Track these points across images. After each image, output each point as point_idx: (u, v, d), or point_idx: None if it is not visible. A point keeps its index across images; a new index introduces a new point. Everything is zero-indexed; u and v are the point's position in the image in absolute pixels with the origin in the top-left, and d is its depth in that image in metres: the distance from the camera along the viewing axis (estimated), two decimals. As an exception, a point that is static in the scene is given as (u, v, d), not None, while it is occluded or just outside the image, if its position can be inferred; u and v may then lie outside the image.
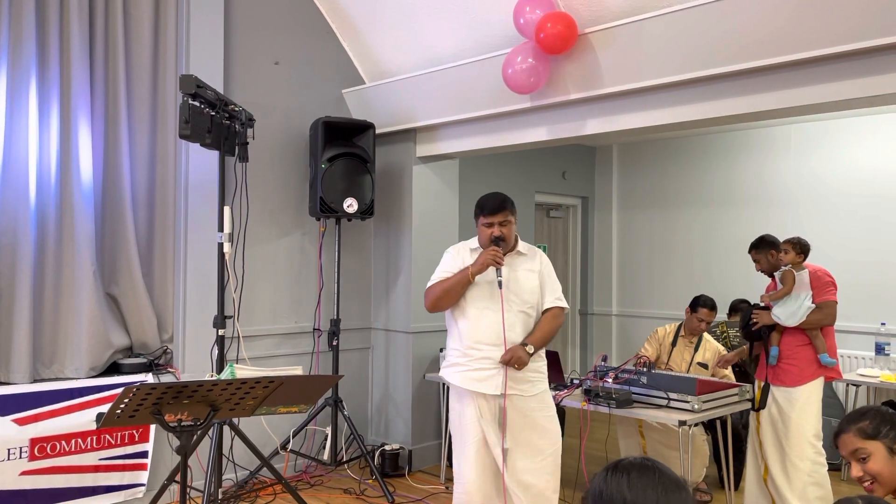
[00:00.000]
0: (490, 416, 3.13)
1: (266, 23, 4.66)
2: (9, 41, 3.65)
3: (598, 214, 7.50)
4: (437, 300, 3.23)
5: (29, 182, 3.72)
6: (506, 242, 3.18)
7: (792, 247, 3.80)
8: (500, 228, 3.17)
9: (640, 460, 1.25)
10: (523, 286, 3.20)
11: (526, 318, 3.20)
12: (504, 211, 3.19)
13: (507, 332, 3.11)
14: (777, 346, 3.77)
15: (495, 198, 3.24)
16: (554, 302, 3.27)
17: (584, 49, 3.67)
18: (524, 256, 3.30)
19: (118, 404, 2.00)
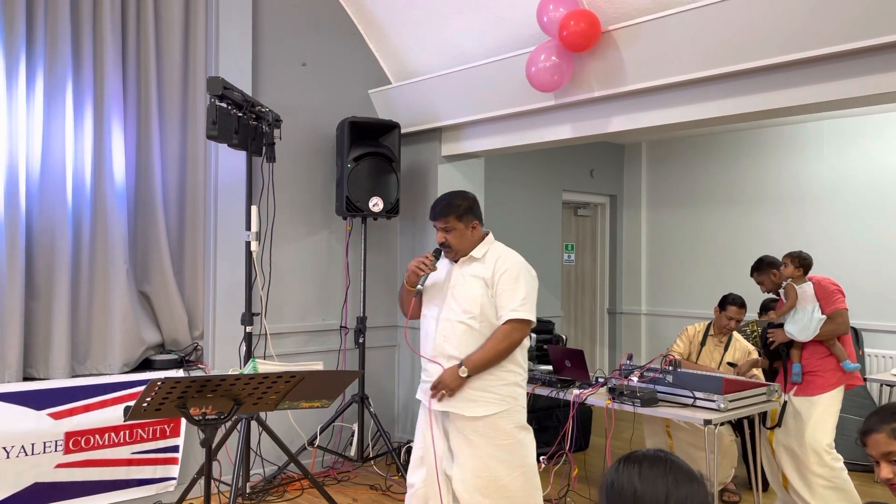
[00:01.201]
0: (438, 431, 2.97)
1: (293, 25, 4.73)
2: (45, 47, 3.76)
3: (627, 212, 7.45)
4: (400, 306, 3.18)
5: (66, 183, 3.83)
6: (453, 249, 2.96)
7: (791, 260, 3.78)
8: (443, 234, 2.95)
9: (653, 452, 1.25)
10: (462, 294, 2.92)
11: (467, 331, 2.88)
12: (445, 217, 2.93)
13: (444, 343, 2.91)
14: (799, 363, 3.76)
15: (440, 201, 3.00)
16: (508, 314, 2.87)
17: (608, 46, 3.66)
18: (475, 262, 2.99)
19: (144, 397, 2.06)
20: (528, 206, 6.36)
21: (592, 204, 7.36)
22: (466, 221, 2.95)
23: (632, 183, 7.42)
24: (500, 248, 3.05)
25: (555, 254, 6.69)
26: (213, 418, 2.20)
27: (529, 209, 6.38)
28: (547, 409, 5.03)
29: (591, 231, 7.44)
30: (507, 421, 2.89)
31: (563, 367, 4.16)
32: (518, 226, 6.24)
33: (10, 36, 3.64)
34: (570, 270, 7.18)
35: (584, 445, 5.25)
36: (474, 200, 3.02)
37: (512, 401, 2.89)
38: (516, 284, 2.92)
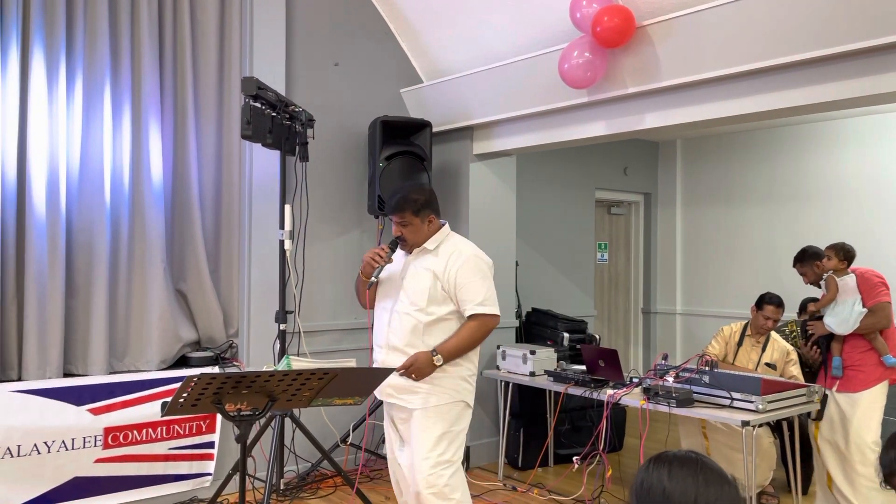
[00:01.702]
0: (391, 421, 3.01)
1: (326, 25, 4.76)
2: (84, 49, 3.84)
3: (662, 211, 7.35)
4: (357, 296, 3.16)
5: (104, 183, 3.90)
6: (409, 242, 2.93)
7: (834, 253, 3.71)
8: (399, 228, 2.90)
9: (684, 453, 1.24)
10: (412, 286, 2.89)
11: (410, 321, 2.85)
12: (400, 212, 2.88)
13: (390, 335, 2.90)
14: (839, 357, 3.67)
15: (395, 196, 2.94)
16: (474, 309, 2.85)
17: (642, 42, 3.61)
18: (428, 254, 2.94)
19: (181, 393, 2.08)
20: (560, 204, 6.31)
21: (626, 202, 7.28)
22: (423, 216, 2.90)
23: (666, 180, 7.32)
24: (455, 240, 3.00)
25: (588, 253, 6.63)
26: (248, 414, 2.22)
27: (562, 208, 6.33)
28: (580, 409, 4.99)
29: (625, 229, 7.36)
30: (452, 411, 2.88)
31: (597, 367, 4.12)
32: (550, 225, 6.20)
33: (51, 39, 3.72)
34: (603, 269, 7.11)
35: (618, 446, 5.20)
36: (431, 193, 2.98)
37: (456, 394, 2.87)
38: (476, 278, 2.90)
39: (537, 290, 5.94)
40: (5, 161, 3.60)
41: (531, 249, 6.00)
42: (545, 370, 4.44)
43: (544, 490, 4.43)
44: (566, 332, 5.18)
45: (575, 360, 4.84)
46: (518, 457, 4.83)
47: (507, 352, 4.67)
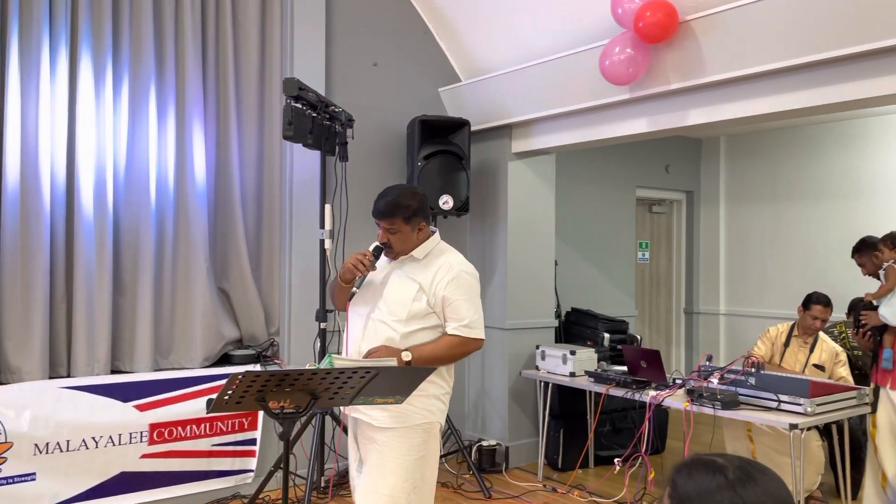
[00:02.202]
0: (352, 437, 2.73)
1: (365, 25, 4.78)
2: (129, 54, 3.92)
3: (705, 209, 7.22)
4: (331, 300, 2.90)
5: (149, 183, 3.98)
6: (395, 250, 2.68)
7: (885, 244, 3.61)
8: (386, 234, 2.65)
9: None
10: (393, 294, 2.63)
11: (387, 331, 2.60)
12: (390, 218, 2.62)
13: (361, 344, 2.63)
14: (891, 349, 3.56)
15: (384, 199, 2.66)
16: (458, 330, 2.63)
17: (686, 37, 3.55)
18: (416, 263, 2.69)
19: (226, 390, 2.10)
20: (600, 203, 6.24)
21: (668, 200, 7.17)
22: (413, 224, 2.65)
23: (710, 178, 7.18)
24: (445, 250, 2.77)
25: (628, 252, 6.54)
26: (290, 412, 2.23)
27: (602, 206, 6.26)
28: (622, 410, 4.93)
29: (667, 228, 7.25)
30: (419, 435, 2.61)
31: (639, 368, 4.06)
32: (590, 223, 6.14)
33: (98, 44, 3.81)
34: (644, 269, 7.02)
35: (660, 448, 5.12)
36: (423, 199, 2.73)
37: (428, 414, 2.62)
38: (464, 298, 2.67)
39: (577, 289, 5.88)
40: (55, 163, 3.69)
41: (571, 249, 5.95)
42: (585, 371, 4.39)
43: (585, 492, 4.38)
44: (607, 332, 5.12)
45: (616, 360, 4.79)
46: (558, 458, 4.79)
47: (547, 352, 4.63)
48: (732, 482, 1.14)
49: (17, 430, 3.44)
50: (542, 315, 5.11)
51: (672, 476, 1.20)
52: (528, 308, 5.03)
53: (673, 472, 1.20)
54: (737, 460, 1.20)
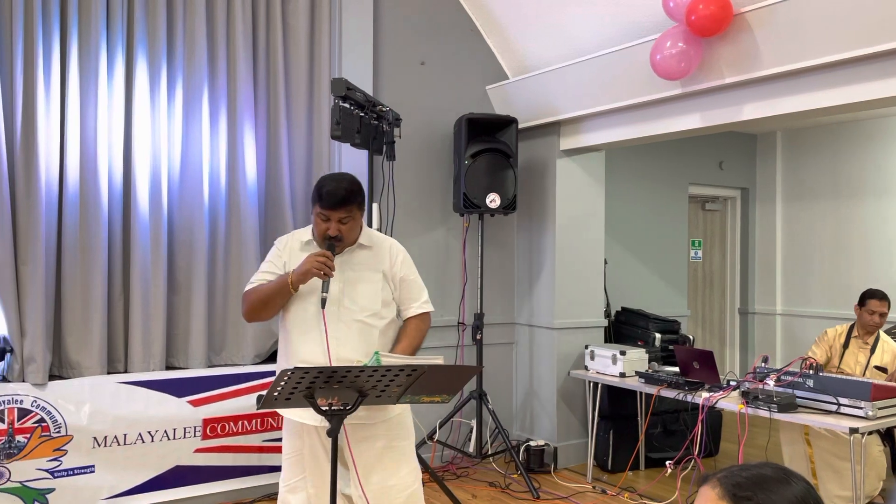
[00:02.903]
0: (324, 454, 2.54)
1: (412, 25, 4.80)
2: (183, 58, 4.01)
3: (761, 206, 7.02)
4: (254, 311, 2.55)
5: (203, 184, 4.06)
6: (344, 242, 2.52)
7: None
8: (337, 226, 2.47)
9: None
10: (361, 289, 2.54)
11: (364, 329, 2.52)
12: (348, 206, 2.46)
13: (339, 349, 2.49)
14: None
15: (339, 185, 2.47)
16: (421, 307, 2.64)
17: (740, 29, 3.45)
18: (367, 251, 2.59)
19: (276, 386, 2.13)
20: (651, 200, 6.13)
21: (722, 198, 7.01)
22: (363, 211, 2.56)
23: (766, 175, 6.99)
24: (374, 232, 2.69)
25: (681, 250, 6.41)
26: (338, 409, 2.25)
27: (653, 204, 6.15)
28: (673, 412, 4.83)
29: (721, 226, 7.08)
30: (408, 418, 2.67)
31: (691, 369, 3.97)
32: (641, 221, 6.04)
33: (153, 49, 3.90)
34: (696, 268, 6.87)
35: (713, 451, 5.00)
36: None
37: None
38: (416, 273, 2.67)
39: (627, 288, 5.79)
40: (112, 166, 3.81)
41: (621, 247, 5.86)
42: (636, 371, 4.32)
43: (635, 494, 4.31)
44: (658, 332, 5.03)
45: (667, 361, 4.70)
46: (607, 459, 4.73)
47: (596, 352, 4.57)
48: (809, 486, 1.16)
49: (77, 424, 3.56)
50: (592, 314, 5.05)
51: (749, 496, 1.16)
52: (577, 307, 4.97)
53: (747, 493, 1.17)
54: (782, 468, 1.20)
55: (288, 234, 2.72)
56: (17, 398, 3.45)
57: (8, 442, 3.40)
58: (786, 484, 1.16)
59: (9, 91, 3.54)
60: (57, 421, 3.52)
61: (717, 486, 1.20)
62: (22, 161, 3.58)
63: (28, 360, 3.53)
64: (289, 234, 2.72)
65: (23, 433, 3.44)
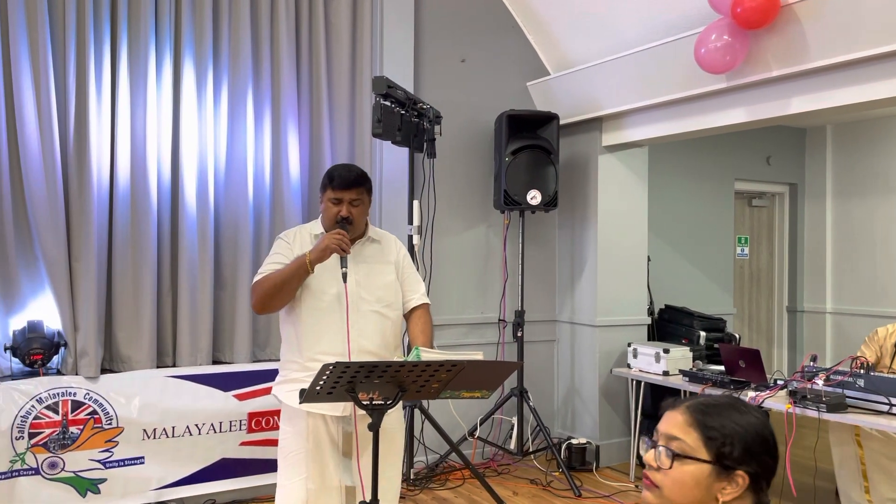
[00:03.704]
0: (330, 444, 2.56)
1: (453, 22, 4.81)
2: (229, 59, 4.09)
3: (810, 202, 6.85)
4: (267, 298, 2.54)
5: (247, 181, 4.13)
6: (354, 226, 2.56)
7: None
8: (349, 208, 2.54)
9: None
10: (376, 281, 2.61)
11: (381, 320, 2.59)
12: (359, 187, 2.55)
13: (359, 339, 2.53)
14: None
15: (349, 169, 2.59)
16: (422, 298, 2.73)
17: (788, 21, 3.37)
18: (376, 245, 2.68)
19: (318, 380, 2.16)
20: (696, 196, 6.03)
21: (769, 193, 6.85)
22: (371, 199, 2.64)
23: (815, 170, 6.81)
24: (378, 228, 2.78)
25: (726, 247, 6.29)
26: (379, 404, 2.27)
27: (698, 200, 6.05)
28: (718, 411, 4.74)
29: (768, 222, 6.93)
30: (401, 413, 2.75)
31: (737, 368, 3.90)
32: (685, 218, 5.94)
33: (200, 51, 3.99)
34: (743, 265, 6.73)
35: (759, 452, 4.89)
36: None
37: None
38: (413, 266, 2.78)
39: (671, 286, 5.71)
40: (161, 164, 3.90)
41: (664, 244, 5.78)
42: (680, 370, 4.26)
43: (679, 494, 4.24)
44: (703, 330, 4.95)
45: (712, 359, 4.62)
46: (650, 458, 4.66)
47: (639, 350, 4.52)
48: (766, 418, 1.35)
49: (128, 416, 3.66)
50: (634, 312, 4.99)
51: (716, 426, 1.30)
52: (620, 305, 4.92)
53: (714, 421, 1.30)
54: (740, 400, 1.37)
55: (293, 228, 2.75)
56: (70, 391, 3.57)
57: (62, 433, 3.52)
58: (746, 414, 1.29)
59: (62, 94, 3.66)
60: (108, 413, 3.63)
61: (686, 412, 1.32)
62: (75, 161, 3.70)
63: (81, 354, 3.65)
64: (294, 227, 2.75)
65: (76, 425, 3.56)
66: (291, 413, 2.59)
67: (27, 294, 3.66)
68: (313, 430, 2.55)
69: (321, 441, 2.55)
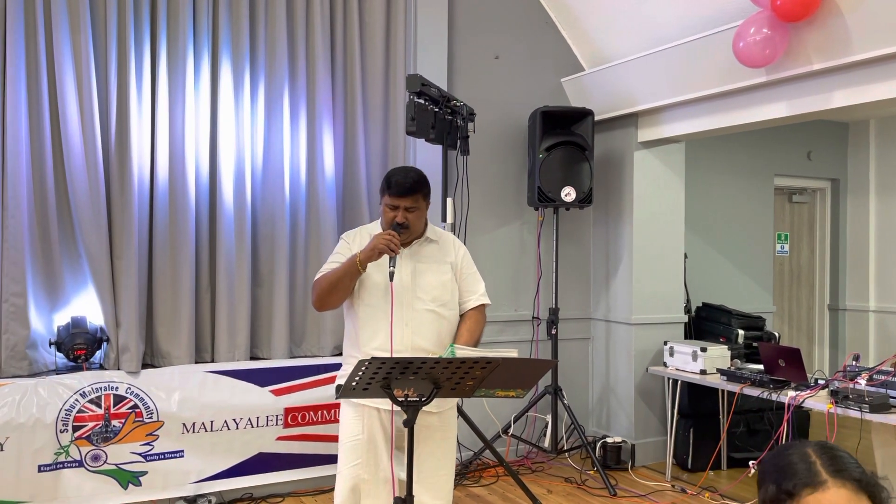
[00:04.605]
0: (383, 436, 2.59)
1: (487, 19, 4.80)
2: (265, 60, 4.14)
3: (852, 198, 6.69)
4: (324, 294, 2.60)
5: (284, 179, 4.18)
6: (410, 230, 2.59)
7: None
8: (405, 214, 2.56)
9: None
10: (431, 280, 2.62)
11: (437, 319, 2.60)
12: (415, 195, 2.56)
13: (414, 337, 2.56)
14: None
15: (406, 175, 2.59)
16: (480, 299, 2.73)
17: (829, 13, 3.30)
18: (434, 245, 2.69)
19: (354, 376, 2.18)
20: (734, 193, 5.93)
21: (810, 189, 6.71)
22: (428, 203, 2.65)
23: (858, 165, 6.64)
24: (439, 228, 2.79)
25: (766, 244, 6.18)
26: (414, 400, 2.28)
27: (736, 196, 5.94)
28: (757, 411, 4.67)
29: (809, 219, 6.78)
30: (455, 416, 2.73)
31: (776, 367, 3.83)
32: (723, 214, 5.85)
33: (237, 52, 4.05)
34: (783, 262, 6.60)
35: (799, 453, 4.80)
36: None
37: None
38: (475, 268, 2.79)
39: (708, 283, 5.63)
40: (199, 163, 3.97)
41: (702, 241, 5.70)
42: (717, 368, 4.19)
43: (716, 494, 4.19)
44: (741, 328, 4.86)
45: (751, 358, 4.55)
46: (687, 458, 4.61)
47: (676, 348, 4.46)
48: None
49: (168, 411, 3.73)
50: (671, 310, 4.94)
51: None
52: (656, 302, 4.87)
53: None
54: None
55: (355, 228, 2.81)
56: (112, 385, 3.65)
57: (105, 426, 3.61)
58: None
59: (104, 96, 3.75)
60: (149, 407, 3.71)
61: (843, 483, 1.15)
62: (116, 161, 3.78)
63: (123, 350, 3.73)
64: (356, 228, 2.82)
65: (118, 418, 3.64)
66: (350, 403, 2.63)
67: (71, 291, 3.76)
68: (368, 420, 2.58)
69: (375, 432, 2.58)
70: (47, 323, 3.71)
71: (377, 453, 2.58)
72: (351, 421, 2.63)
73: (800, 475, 1.16)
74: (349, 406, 2.65)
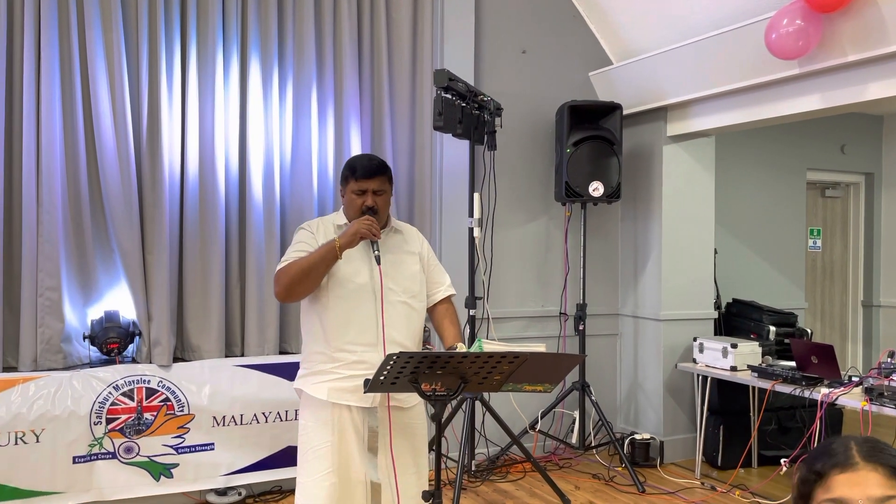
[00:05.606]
0: (355, 436, 2.49)
1: (514, 13, 4.78)
2: (293, 58, 4.17)
3: (887, 193, 6.55)
4: (294, 283, 2.44)
5: (311, 174, 4.21)
6: (378, 216, 2.51)
7: None
8: (373, 197, 2.51)
9: None
10: (403, 271, 2.57)
11: (409, 311, 2.56)
12: (382, 176, 2.53)
13: (388, 329, 2.49)
14: None
15: (370, 159, 2.56)
16: (448, 290, 2.70)
17: (864, 3, 3.23)
18: (400, 235, 2.64)
19: (382, 370, 2.19)
20: (765, 187, 5.85)
21: (843, 184, 6.58)
22: (392, 188, 2.61)
23: (893, 159, 6.50)
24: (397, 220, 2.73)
25: (798, 239, 6.08)
26: (442, 394, 2.28)
27: (768, 191, 5.86)
28: (789, 408, 4.61)
29: (842, 214, 6.66)
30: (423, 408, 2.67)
31: (809, 364, 3.77)
32: (754, 209, 5.77)
33: (265, 51, 4.08)
34: (815, 258, 6.49)
35: (832, 451, 4.73)
36: None
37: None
38: (436, 257, 2.76)
39: (739, 279, 5.56)
40: (229, 159, 4.01)
41: (732, 236, 5.63)
42: (748, 365, 4.14)
43: (747, 492, 4.14)
44: (772, 325, 4.80)
45: (782, 355, 4.49)
46: (717, 455, 4.57)
47: (705, 344, 4.42)
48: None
49: (199, 404, 3.78)
50: (700, 306, 4.88)
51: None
52: (685, 298, 4.82)
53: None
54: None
55: (311, 221, 2.68)
56: (144, 378, 3.71)
57: (137, 419, 3.67)
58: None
59: (135, 94, 3.80)
60: (180, 400, 3.76)
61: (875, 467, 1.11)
62: (148, 157, 3.84)
63: (154, 343, 3.79)
64: (317, 219, 2.70)
65: (150, 411, 3.70)
66: (316, 405, 2.51)
67: (104, 285, 3.83)
68: (338, 420, 2.48)
69: (346, 432, 2.49)
70: (81, 317, 3.78)
71: (349, 453, 2.49)
72: (316, 428, 2.51)
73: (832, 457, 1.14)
74: (311, 413, 2.53)
